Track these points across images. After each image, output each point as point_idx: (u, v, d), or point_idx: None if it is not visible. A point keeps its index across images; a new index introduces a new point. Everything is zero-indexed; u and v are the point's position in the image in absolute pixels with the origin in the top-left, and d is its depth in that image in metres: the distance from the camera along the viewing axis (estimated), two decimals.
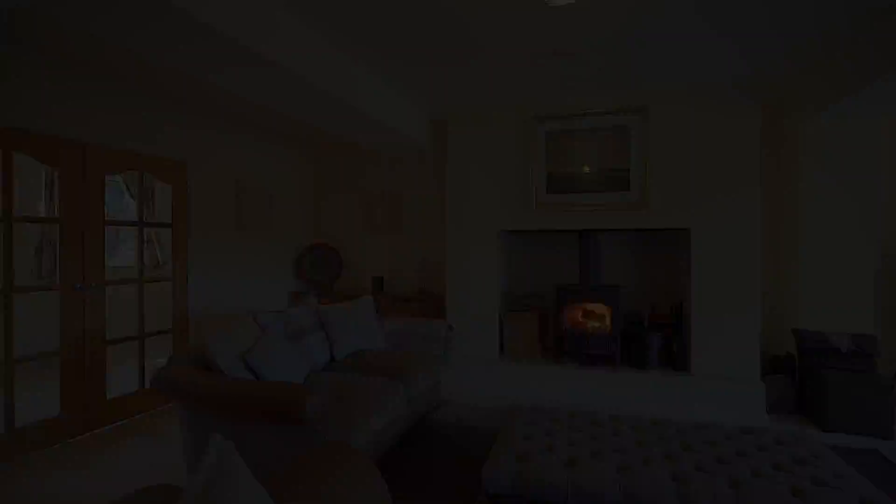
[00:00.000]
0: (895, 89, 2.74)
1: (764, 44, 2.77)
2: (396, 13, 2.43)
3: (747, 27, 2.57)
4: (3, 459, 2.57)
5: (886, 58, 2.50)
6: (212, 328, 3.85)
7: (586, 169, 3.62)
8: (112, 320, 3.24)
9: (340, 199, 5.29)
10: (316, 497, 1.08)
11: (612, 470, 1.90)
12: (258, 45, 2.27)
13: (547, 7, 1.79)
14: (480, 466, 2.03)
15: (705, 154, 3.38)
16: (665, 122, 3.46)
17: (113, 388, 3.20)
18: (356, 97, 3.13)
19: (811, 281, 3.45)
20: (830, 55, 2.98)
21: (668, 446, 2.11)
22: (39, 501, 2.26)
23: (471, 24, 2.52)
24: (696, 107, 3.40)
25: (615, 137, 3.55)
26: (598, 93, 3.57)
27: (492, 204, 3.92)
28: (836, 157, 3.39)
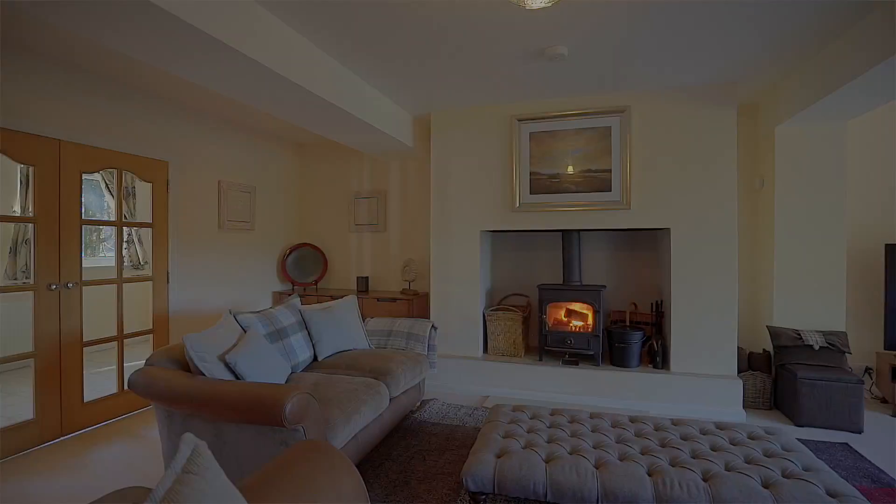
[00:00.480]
0: (855, 98, 2.87)
1: (740, 52, 2.83)
2: (379, 14, 2.43)
3: (724, 36, 2.63)
4: None
5: (846, 70, 2.62)
6: (193, 329, 3.81)
7: (570, 170, 3.66)
8: (92, 321, 3.19)
9: (325, 198, 5.27)
10: (291, 496, 1.08)
11: (590, 466, 1.94)
12: (239, 43, 2.25)
13: (526, 10, 1.81)
14: (463, 464, 2.05)
15: (684, 155, 3.45)
16: (646, 124, 3.52)
17: (92, 390, 3.15)
18: (340, 97, 3.12)
19: (785, 279, 3.54)
20: (799, 66, 3.08)
21: (645, 442, 2.15)
22: None
23: (451, 26, 2.53)
24: (676, 109, 3.46)
25: (597, 138, 3.59)
26: (581, 94, 3.61)
27: (475, 204, 3.94)
28: (806, 160, 3.49)
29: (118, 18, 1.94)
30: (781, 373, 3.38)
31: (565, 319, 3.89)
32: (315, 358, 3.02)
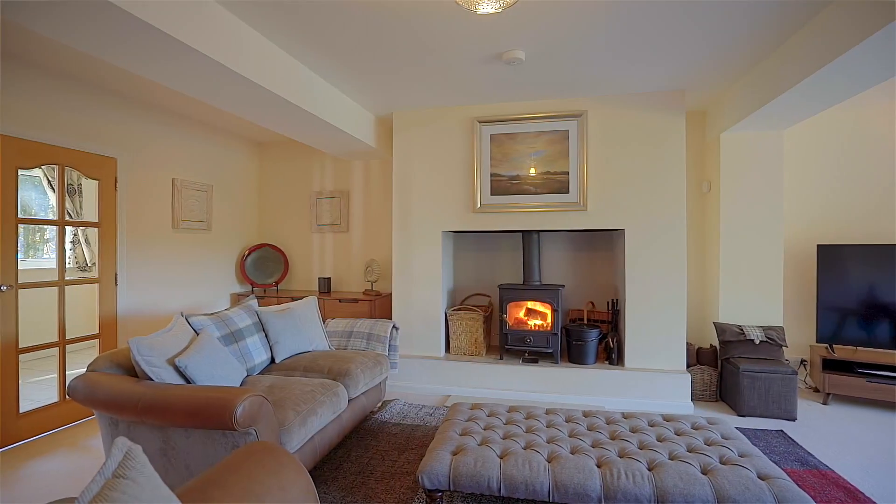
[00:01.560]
0: (790, 108, 3.08)
1: (687, 62, 2.98)
2: (334, 14, 2.42)
3: (673, 47, 2.76)
4: None
5: (781, 82, 2.81)
6: (144, 333, 3.65)
7: (533, 171, 3.74)
8: (32, 326, 3.01)
9: (286, 198, 5.17)
10: (234, 497, 1.07)
11: (542, 460, 2.00)
12: (193, 39, 2.18)
13: (477, 14, 1.85)
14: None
15: (637, 159, 3.59)
16: (601, 128, 3.65)
17: (32, 400, 2.97)
18: (300, 96, 3.08)
19: (729, 278, 3.75)
20: (740, 77, 3.27)
21: (597, 435, 2.23)
22: None
23: (406, 29, 2.55)
24: (630, 115, 3.60)
25: (556, 141, 3.69)
26: (540, 98, 3.70)
27: (437, 204, 3.97)
28: (748, 165, 3.71)
29: (63, 10, 1.84)
30: (726, 366, 3.58)
31: (525, 318, 3.98)
32: (272, 360, 2.96)
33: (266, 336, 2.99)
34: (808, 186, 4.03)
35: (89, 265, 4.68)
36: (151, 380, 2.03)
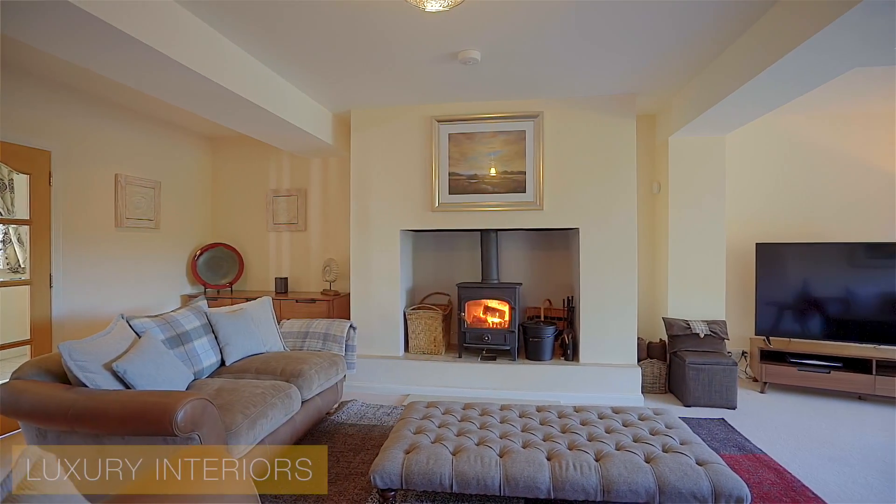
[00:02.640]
0: (728, 114, 3.26)
1: (638, 66, 3.09)
2: (284, 9, 2.36)
3: (622, 52, 2.86)
4: None
5: (720, 89, 2.97)
6: (81, 337, 3.44)
7: (488, 171, 3.78)
8: None
9: (241, 196, 5.00)
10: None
11: (494, 455, 2.02)
12: (133, 28, 2.08)
13: (425, 12, 1.85)
14: None
15: (591, 160, 3.70)
16: (557, 129, 3.73)
17: None
18: (253, 91, 2.98)
19: (677, 275, 3.92)
20: (686, 84, 3.43)
21: (548, 429, 2.28)
22: None
23: (358, 25, 2.52)
24: (584, 117, 3.70)
25: (513, 141, 3.75)
26: (497, 98, 3.74)
27: (395, 203, 3.95)
28: (693, 168, 3.89)
29: None
30: (674, 359, 3.74)
31: (484, 317, 4.02)
32: (223, 363, 2.86)
33: (216, 338, 2.88)
34: (748, 188, 4.27)
35: (22, 266, 4.36)
36: (86, 386, 1.92)
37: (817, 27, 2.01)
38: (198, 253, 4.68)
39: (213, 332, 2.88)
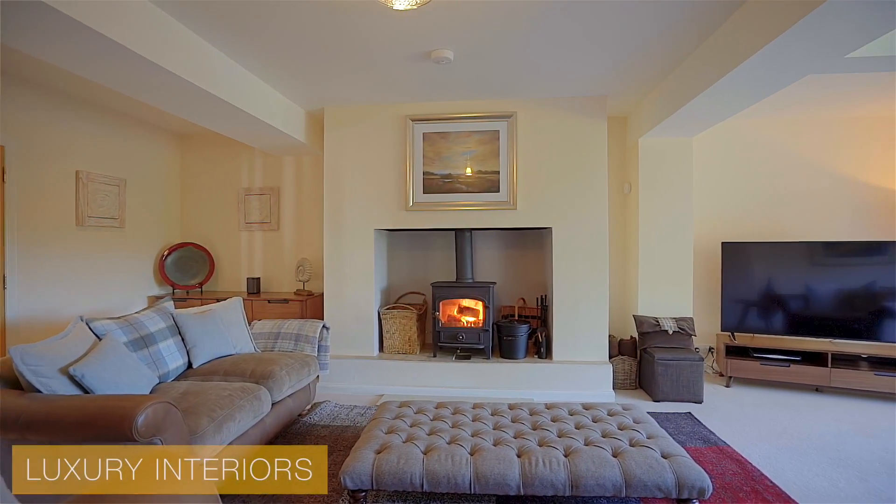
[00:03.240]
0: (694, 117, 3.36)
1: (608, 68, 3.15)
2: (255, 5, 2.32)
3: (593, 54, 2.91)
4: None
5: (684, 94, 3.06)
6: (37, 340, 3.30)
7: (462, 170, 3.79)
8: None
9: (212, 194, 4.88)
10: None
11: (465, 453, 2.03)
12: (92, 20, 2.00)
13: (393, 10, 1.85)
14: None
15: (563, 160, 3.75)
16: (530, 130, 3.77)
17: None
18: (223, 88, 2.91)
19: (647, 273, 4.02)
20: (655, 86, 3.52)
21: (520, 426, 2.30)
22: None
23: (328, 22, 2.50)
24: (556, 118, 3.75)
25: (487, 141, 3.77)
26: (471, 98, 3.76)
27: (369, 202, 3.92)
28: (663, 169, 3.99)
29: None
30: (644, 356, 3.83)
31: (458, 316, 4.03)
32: (190, 365, 2.78)
33: (183, 340, 2.80)
34: (714, 189, 4.40)
35: None
36: (40, 392, 1.84)
37: (772, 36, 2.09)
38: (166, 253, 4.55)
39: (180, 333, 2.80)
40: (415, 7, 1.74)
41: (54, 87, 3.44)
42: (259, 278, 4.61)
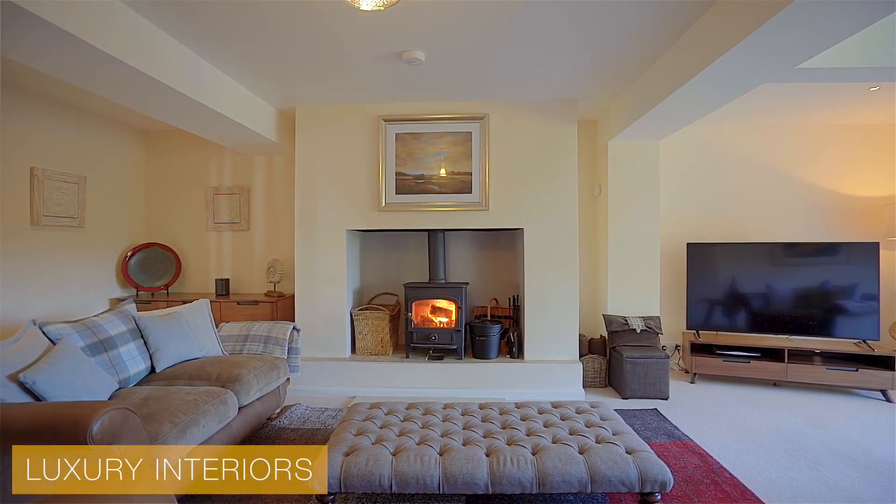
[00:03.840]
0: (659, 121, 3.46)
1: (578, 72, 3.21)
2: (223, 4, 2.28)
3: (563, 58, 2.96)
4: None
5: (650, 99, 3.15)
6: None
7: (434, 171, 3.80)
8: None
9: (179, 193, 4.74)
10: None
11: (434, 454, 2.03)
12: (51, 14, 1.92)
13: (360, 10, 1.84)
14: None
15: (535, 162, 3.80)
16: (502, 132, 3.81)
17: None
18: (189, 85, 2.84)
19: (616, 273, 4.11)
20: (623, 91, 3.60)
21: (489, 426, 2.32)
22: None
23: (296, 21, 2.47)
24: (528, 120, 3.80)
25: (459, 142, 3.79)
26: (444, 99, 3.77)
27: (341, 202, 3.88)
28: (631, 171, 4.10)
29: None
30: (613, 354, 3.92)
31: (431, 316, 4.03)
32: (153, 370, 2.70)
33: (146, 343, 2.72)
34: (680, 192, 4.54)
35: None
36: None
37: (727, 46, 2.18)
38: (129, 253, 4.39)
39: (143, 337, 2.71)
40: (381, 8, 1.74)
41: (6, 79, 3.27)
42: (228, 279, 4.50)
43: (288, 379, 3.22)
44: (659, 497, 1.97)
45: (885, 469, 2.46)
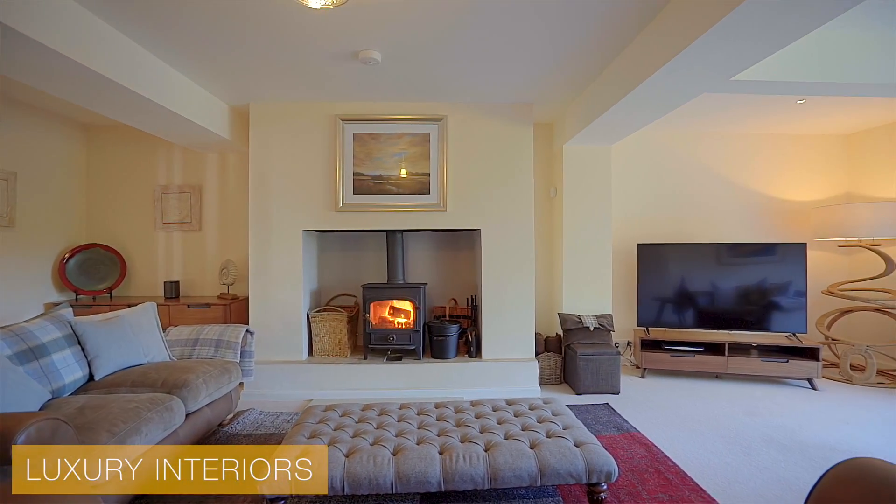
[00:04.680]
0: (609, 127, 3.59)
1: (532, 78, 3.30)
2: None
3: (517, 61, 3.03)
4: None
5: (599, 106, 3.29)
6: None
7: (393, 172, 3.79)
8: None
9: (123, 192, 4.51)
10: None
11: (388, 454, 2.03)
12: None
13: (308, 8, 1.82)
14: None
15: (492, 164, 3.87)
16: (460, 133, 3.85)
17: None
18: (131, 77, 2.71)
19: (571, 272, 4.24)
20: (576, 97, 3.73)
21: (444, 424, 2.34)
22: None
23: (246, 18, 2.42)
24: (485, 122, 3.86)
25: (417, 143, 3.80)
26: (402, 100, 3.77)
27: (297, 202, 3.81)
28: (584, 174, 4.24)
29: None
30: (568, 352, 4.04)
31: (389, 317, 4.02)
32: (92, 377, 2.56)
33: (83, 350, 2.57)
34: (631, 194, 4.74)
35: None
36: None
37: (668, 57, 2.31)
38: (67, 255, 4.14)
39: (80, 343, 2.57)
40: (331, 7, 1.73)
41: None
42: (178, 282, 4.32)
43: (241, 383, 3.13)
44: (605, 487, 2.05)
45: (809, 451, 2.67)
